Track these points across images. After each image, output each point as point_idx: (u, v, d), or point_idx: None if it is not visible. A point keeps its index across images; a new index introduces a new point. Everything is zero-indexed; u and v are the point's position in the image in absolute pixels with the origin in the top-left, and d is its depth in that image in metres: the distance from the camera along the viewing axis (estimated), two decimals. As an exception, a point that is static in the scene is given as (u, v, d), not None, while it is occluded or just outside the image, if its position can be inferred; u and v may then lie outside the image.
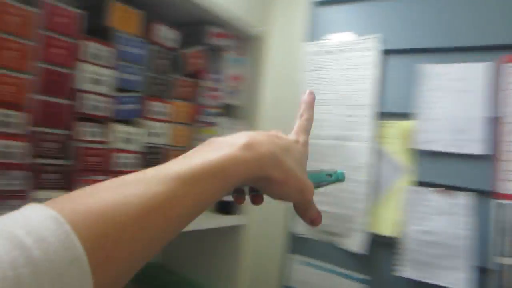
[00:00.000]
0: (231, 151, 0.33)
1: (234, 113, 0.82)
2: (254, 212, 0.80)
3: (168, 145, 0.67)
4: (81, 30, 0.54)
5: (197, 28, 0.75)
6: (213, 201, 0.32)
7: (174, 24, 0.72)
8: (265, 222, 0.96)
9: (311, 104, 0.45)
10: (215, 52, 0.78)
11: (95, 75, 0.55)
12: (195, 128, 0.72)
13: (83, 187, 0.26)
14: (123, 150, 0.58)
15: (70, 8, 0.52)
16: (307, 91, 0.46)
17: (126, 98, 0.60)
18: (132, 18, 0.61)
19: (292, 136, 0.42)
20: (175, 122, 0.68)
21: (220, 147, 0.33)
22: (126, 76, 0.60)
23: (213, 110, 0.75)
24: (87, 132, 0.54)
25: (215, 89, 0.76)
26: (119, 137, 0.58)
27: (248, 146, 0.34)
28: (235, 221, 0.76)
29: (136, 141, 0.60)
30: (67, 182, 0.51)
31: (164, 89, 0.66)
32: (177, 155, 0.65)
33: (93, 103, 0.54)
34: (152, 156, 0.64)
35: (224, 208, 0.75)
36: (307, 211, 0.42)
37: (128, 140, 0.59)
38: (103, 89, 0.56)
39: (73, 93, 0.53)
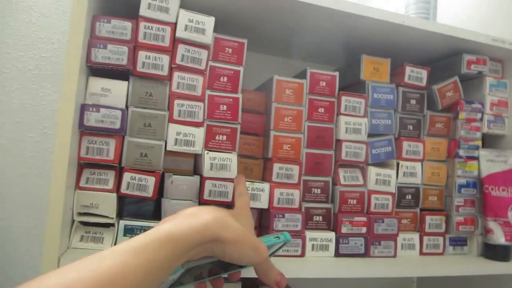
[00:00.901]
0: (178, 221, 0.36)
1: (500, 143, 0.73)
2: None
3: (424, 184, 0.66)
4: (337, 88, 0.62)
5: (449, 60, 0.72)
6: (167, 268, 0.34)
7: (424, 61, 0.72)
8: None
9: (244, 183, 0.51)
10: (471, 80, 0.72)
11: (351, 125, 0.62)
12: (454, 164, 0.68)
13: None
14: (379, 192, 0.62)
15: (328, 73, 0.62)
16: (237, 176, 0.53)
17: (379, 142, 0.64)
18: (382, 67, 0.65)
19: (235, 210, 0.46)
20: (430, 160, 0.67)
21: (171, 219, 0.37)
22: (378, 121, 0.64)
23: (473, 143, 0.69)
24: (347, 177, 0.61)
25: (474, 120, 0.69)
26: (375, 180, 0.62)
27: (192, 214, 0.37)
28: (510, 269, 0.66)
29: (391, 182, 0.63)
30: (329, 224, 0.59)
31: (415, 129, 0.66)
32: (433, 194, 0.64)
33: (351, 150, 0.61)
34: (409, 195, 0.65)
35: (495, 253, 0.66)
36: (269, 274, 0.42)
37: (383, 182, 0.63)
38: (358, 136, 0.62)
39: (334, 143, 0.61)
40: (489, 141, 0.73)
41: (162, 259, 0.33)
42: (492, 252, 0.66)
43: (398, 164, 0.65)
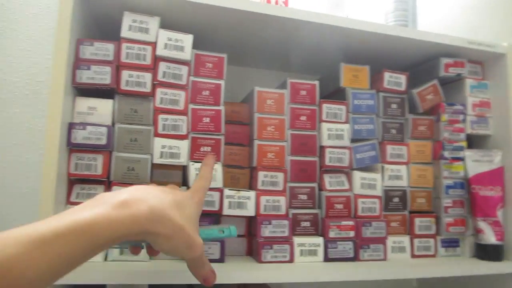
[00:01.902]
0: (104, 210, 0.32)
1: (484, 144, 0.73)
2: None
3: (411, 187, 0.67)
4: (317, 96, 0.64)
5: (428, 64, 0.74)
6: (80, 261, 0.31)
7: (402, 66, 0.74)
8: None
9: (211, 166, 0.51)
10: (451, 83, 0.74)
11: (334, 131, 0.63)
12: (440, 166, 0.69)
13: None
14: (365, 196, 0.63)
15: (308, 82, 0.64)
16: (208, 155, 0.53)
17: (363, 147, 0.65)
18: (360, 74, 0.67)
19: (187, 193, 0.43)
20: (415, 162, 0.68)
21: (96, 205, 0.33)
22: (360, 126, 0.65)
23: (458, 144, 0.70)
24: (332, 182, 0.62)
25: (457, 122, 0.71)
26: (360, 184, 0.63)
27: (124, 204, 0.33)
28: (502, 268, 0.65)
29: (377, 186, 0.64)
30: (317, 229, 0.60)
31: (398, 132, 0.68)
32: (421, 196, 0.65)
33: (334, 156, 0.62)
34: (396, 198, 0.66)
35: (486, 253, 0.66)
36: (198, 269, 0.41)
37: (369, 186, 0.64)
38: (341, 142, 0.63)
39: (317, 149, 0.62)
40: (476, 141, 0.74)
41: (76, 253, 0.29)
42: (484, 252, 0.66)
43: (383, 167, 0.66)
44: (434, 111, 0.71)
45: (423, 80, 0.72)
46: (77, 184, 0.53)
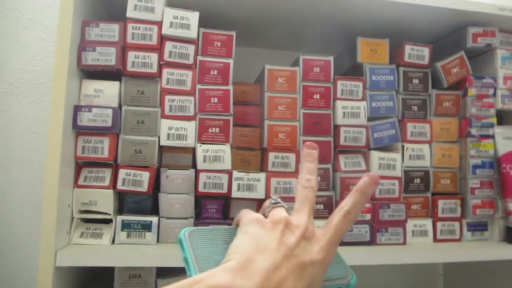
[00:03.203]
0: None
1: (517, 120, 0.68)
2: None
3: (434, 167, 0.63)
4: (332, 73, 0.61)
5: (454, 35, 0.69)
6: None
7: (424, 39, 0.69)
8: None
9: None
10: (480, 55, 0.68)
11: (349, 109, 0.60)
12: (466, 144, 0.64)
13: None
14: (384, 177, 0.59)
15: (322, 58, 0.61)
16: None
17: (381, 125, 0.61)
18: (379, 48, 0.63)
19: (316, 248, 0.30)
20: (439, 141, 0.64)
21: None
22: (378, 104, 0.62)
23: (487, 121, 0.65)
24: (348, 163, 0.59)
25: (486, 96, 0.65)
26: (378, 164, 0.60)
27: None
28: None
29: (396, 166, 0.60)
30: (331, 212, 0.57)
31: (420, 109, 0.64)
32: (445, 177, 0.60)
33: (349, 135, 0.59)
34: (417, 179, 0.62)
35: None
36: None
37: (388, 166, 0.60)
38: (357, 121, 0.60)
39: (332, 129, 0.60)
40: (507, 117, 0.69)
41: None
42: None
43: (403, 147, 0.62)
44: (461, 85, 0.66)
45: (448, 54, 0.66)
46: (85, 168, 0.53)
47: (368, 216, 0.57)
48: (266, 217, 0.33)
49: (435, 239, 0.61)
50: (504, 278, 0.71)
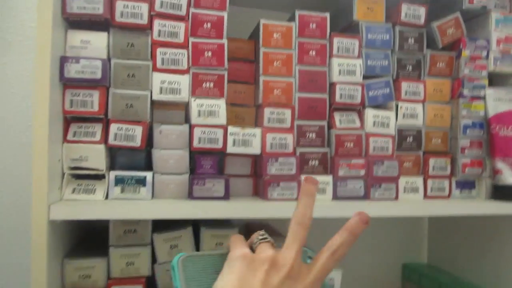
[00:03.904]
0: None
1: (509, 82, 0.69)
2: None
3: (426, 127, 0.63)
4: (328, 30, 0.59)
5: (448, -6, 0.68)
6: None
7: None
8: None
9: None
10: (476, 18, 0.68)
11: (345, 66, 0.59)
12: (458, 105, 0.65)
13: None
14: (377, 135, 0.60)
15: (318, 14, 0.59)
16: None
17: (376, 84, 0.61)
18: (376, 6, 0.62)
19: (298, 286, 0.32)
20: (432, 101, 0.64)
21: None
22: (374, 62, 0.61)
23: (479, 82, 0.65)
24: (343, 120, 0.59)
25: (479, 58, 0.65)
26: (373, 122, 0.60)
27: None
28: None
29: (390, 124, 0.60)
30: (326, 168, 0.58)
31: (415, 69, 0.63)
32: (436, 136, 0.60)
33: (345, 93, 0.59)
34: (410, 138, 0.62)
35: (504, 194, 0.63)
36: None
37: (382, 124, 0.60)
38: (353, 78, 0.59)
39: (327, 86, 0.59)
40: (496, 80, 0.69)
41: None
42: (501, 192, 0.64)
43: (397, 106, 0.62)
44: (455, 46, 0.66)
45: (443, 15, 0.66)
46: (74, 123, 0.51)
47: (362, 172, 0.57)
48: (253, 250, 0.34)
49: (425, 196, 0.63)
50: (483, 237, 0.74)
